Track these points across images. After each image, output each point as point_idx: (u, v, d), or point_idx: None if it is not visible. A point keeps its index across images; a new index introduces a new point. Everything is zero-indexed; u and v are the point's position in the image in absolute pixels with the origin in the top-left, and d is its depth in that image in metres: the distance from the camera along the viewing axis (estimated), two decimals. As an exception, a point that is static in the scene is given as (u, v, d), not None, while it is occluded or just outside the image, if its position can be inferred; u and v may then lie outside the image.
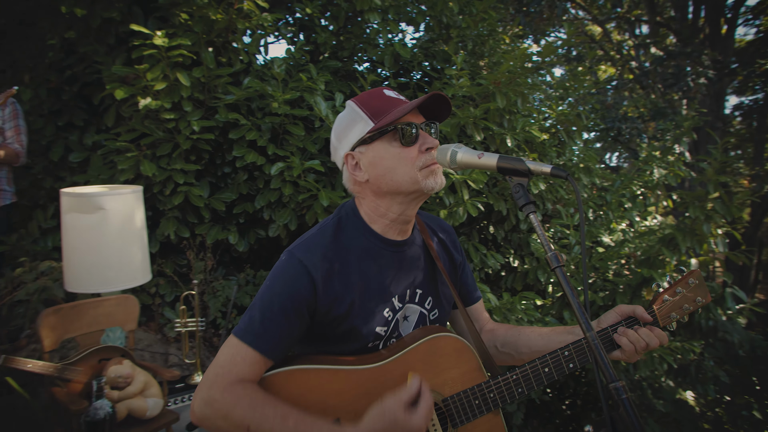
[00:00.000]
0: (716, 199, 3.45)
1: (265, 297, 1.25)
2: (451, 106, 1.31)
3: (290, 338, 1.26)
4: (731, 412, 3.67)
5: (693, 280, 1.37)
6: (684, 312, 1.36)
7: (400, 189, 1.28)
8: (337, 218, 1.37)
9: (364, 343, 1.32)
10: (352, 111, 1.33)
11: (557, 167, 0.96)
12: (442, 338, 1.36)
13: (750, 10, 13.52)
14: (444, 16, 4.18)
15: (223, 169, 3.46)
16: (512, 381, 1.31)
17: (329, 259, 1.27)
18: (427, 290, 1.44)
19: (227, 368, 1.20)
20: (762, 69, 8.50)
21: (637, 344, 1.29)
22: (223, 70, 3.25)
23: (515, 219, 4.09)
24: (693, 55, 8.48)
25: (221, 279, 3.58)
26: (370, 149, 1.30)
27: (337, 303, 1.27)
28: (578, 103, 4.91)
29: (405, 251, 1.40)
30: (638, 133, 8.00)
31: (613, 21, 12.91)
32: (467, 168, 1.16)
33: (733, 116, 13.31)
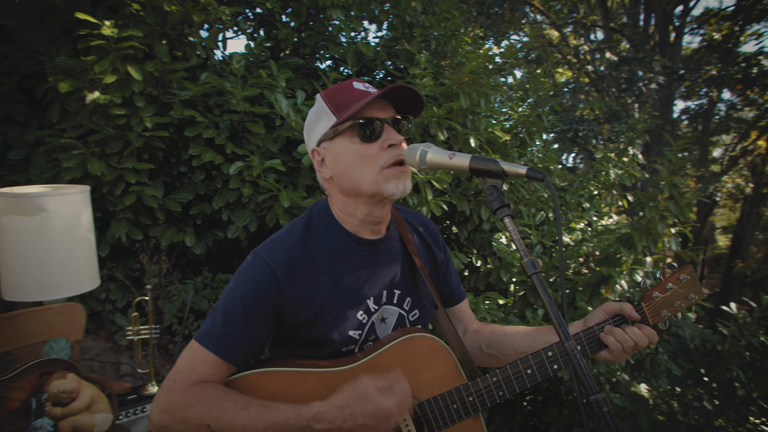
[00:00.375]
0: (669, 200, 3.57)
1: (228, 299, 1.19)
2: (423, 100, 1.24)
3: (254, 342, 1.20)
4: (683, 403, 3.81)
5: (685, 276, 1.31)
6: (676, 309, 1.30)
7: (360, 189, 1.22)
8: (308, 217, 1.31)
9: (336, 347, 1.26)
10: (318, 105, 1.28)
11: (533, 169, 0.93)
12: (417, 339, 1.30)
13: (695, 20, 14.26)
14: (407, 14, 4.15)
15: (178, 168, 3.31)
16: (493, 384, 1.25)
17: (296, 259, 1.21)
18: (406, 290, 1.38)
19: (186, 372, 1.15)
20: (707, 75, 8.93)
21: (625, 344, 1.24)
22: (179, 65, 3.10)
23: (478, 219, 4.11)
24: (644, 61, 8.83)
25: (177, 283, 3.42)
26: (333, 145, 1.25)
27: (305, 306, 1.21)
28: (538, 105, 4.98)
29: (380, 250, 1.33)
30: (594, 135, 8.26)
31: (570, 26, 13.31)
32: (437, 169, 1.10)
33: (681, 120, 13.97)
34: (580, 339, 1.27)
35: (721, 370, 3.65)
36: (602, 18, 12.39)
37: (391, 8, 4.21)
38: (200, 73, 3.33)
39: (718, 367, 3.67)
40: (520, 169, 0.96)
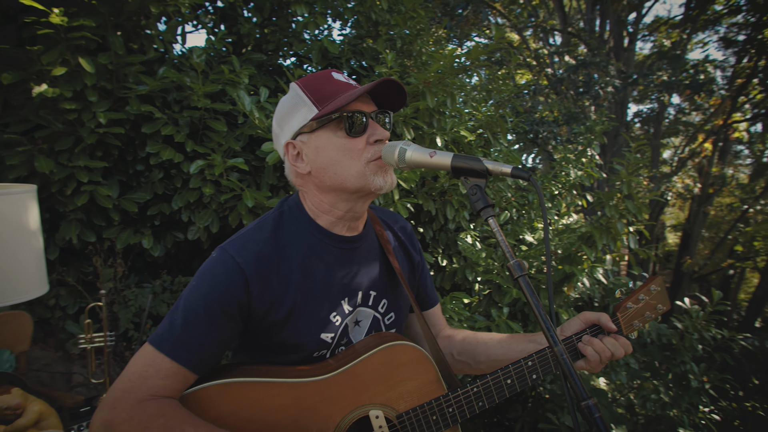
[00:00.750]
0: (627, 199, 3.68)
1: (189, 299, 1.08)
2: (407, 95, 1.19)
3: (218, 347, 1.09)
4: (641, 395, 3.93)
5: (655, 287, 1.33)
6: (646, 320, 1.32)
7: (345, 184, 1.15)
8: (279, 212, 1.23)
9: (308, 352, 1.17)
10: (295, 95, 1.19)
11: (518, 168, 0.89)
12: (398, 347, 1.23)
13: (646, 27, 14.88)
14: (373, 12, 4.11)
15: (134, 167, 3.15)
16: (473, 394, 1.21)
17: (266, 256, 1.12)
18: (382, 292, 1.31)
19: (137, 382, 1.02)
20: (659, 81, 9.32)
21: (603, 354, 1.23)
22: (135, 58, 2.95)
23: (443, 218, 4.12)
24: (601, 65, 9.13)
25: (133, 287, 3.27)
26: (313, 138, 1.16)
27: (276, 306, 1.12)
28: (501, 105, 5.05)
29: (356, 248, 1.26)
30: (554, 136, 8.47)
31: (530, 29, 13.62)
32: (417, 167, 1.05)
33: (634, 122, 14.55)
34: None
35: (676, 363, 3.79)
36: (560, 23, 12.74)
37: (357, 5, 4.17)
38: (158, 67, 3.18)
39: (673, 359, 3.81)
40: (504, 167, 0.92)
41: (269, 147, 2.93)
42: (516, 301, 3.78)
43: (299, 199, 1.26)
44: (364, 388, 1.17)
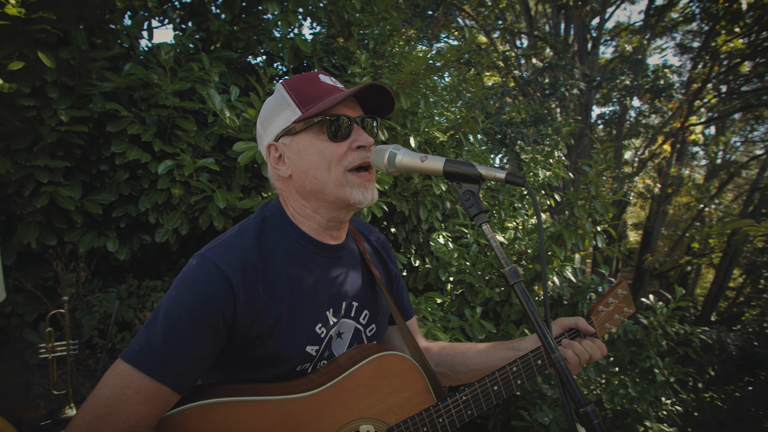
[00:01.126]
0: (594, 199, 3.77)
1: (170, 310, 0.98)
2: (395, 100, 1.16)
3: (202, 364, 1.01)
4: (609, 390, 4.04)
5: (621, 290, 1.37)
6: (615, 323, 1.36)
7: (324, 190, 1.12)
8: (261, 218, 1.17)
9: (290, 366, 1.11)
10: (279, 96, 1.15)
11: (512, 174, 0.88)
12: (388, 358, 1.20)
13: (608, 32, 15.35)
14: (345, 12, 4.08)
15: (98, 167, 3.02)
16: (462, 403, 1.18)
17: (251, 264, 1.06)
18: (364, 303, 1.27)
19: (114, 407, 0.91)
20: (622, 84, 9.63)
21: (582, 356, 1.24)
22: (99, 53, 2.83)
23: (416, 219, 4.12)
24: (566, 68, 9.35)
25: (97, 292, 3.13)
26: (295, 141, 1.12)
27: (261, 317, 1.05)
28: (472, 107, 5.10)
29: (340, 257, 1.22)
30: (522, 137, 8.62)
31: (498, 32, 13.84)
32: (407, 172, 1.03)
33: (597, 124, 14.97)
34: (539, 353, 1.25)
35: (642, 358, 3.91)
36: (527, 26, 13.00)
37: (329, 4, 4.13)
38: (123, 63, 3.06)
39: (639, 355, 3.92)
40: (498, 173, 0.91)
41: (241, 147, 2.86)
42: (488, 301, 3.82)
43: (280, 205, 1.21)
44: (353, 402, 1.13)
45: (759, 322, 7.02)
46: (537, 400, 3.93)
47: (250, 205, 2.86)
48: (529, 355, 1.24)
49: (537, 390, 4.10)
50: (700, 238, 14.75)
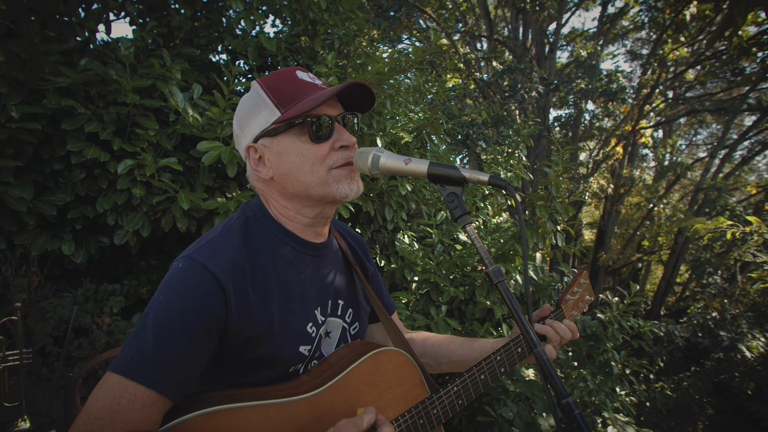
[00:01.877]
0: (554, 199, 3.90)
1: (159, 316, 0.94)
2: (374, 97, 1.15)
3: (197, 368, 0.97)
4: (569, 384, 4.18)
5: (583, 280, 1.47)
6: (580, 310, 1.44)
7: (308, 192, 1.10)
8: (243, 218, 1.14)
9: (284, 368, 1.09)
10: (256, 95, 1.11)
11: (495, 176, 0.90)
12: (384, 353, 1.20)
13: (564, 37, 15.89)
14: (311, 11, 4.05)
15: (52, 166, 2.88)
16: (453, 393, 1.22)
17: (240, 265, 1.03)
18: (348, 301, 1.27)
19: (109, 418, 0.85)
20: (578, 87, 9.98)
21: (564, 334, 1.30)
22: (52, 47, 2.70)
23: (381, 219, 4.14)
24: (525, 72, 9.61)
25: (51, 297, 2.99)
26: (275, 142, 1.09)
27: (253, 320, 1.02)
28: (435, 108, 5.17)
29: (324, 255, 1.21)
30: (483, 138, 8.80)
31: (458, 34, 14.06)
32: (390, 174, 1.03)
33: (554, 126, 15.44)
34: (519, 342, 1.30)
35: (599, 352, 4.07)
36: (487, 30, 13.26)
37: (294, 2, 4.09)
38: (79, 57, 2.93)
39: (597, 349, 4.08)
40: (482, 176, 0.93)
41: (205, 147, 2.80)
42: (453, 299, 3.89)
43: (262, 204, 1.18)
44: (354, 400, 1.12)
45: (703, 315, 7.45)
46: (501, 395, 4.02)
47: (214, 206, 2.79)
48: (511, 344, 1.30)
49: (501, 386, 4.19)
50: (650, 237, 15.46)
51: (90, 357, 2.81)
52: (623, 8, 13.52)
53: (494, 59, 11.24)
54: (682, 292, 14.17)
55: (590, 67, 10.83)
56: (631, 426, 3.86)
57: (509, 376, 4.32)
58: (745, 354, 6.31)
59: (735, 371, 7.17)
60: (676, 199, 18.10)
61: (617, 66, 18.98)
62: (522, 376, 4.20)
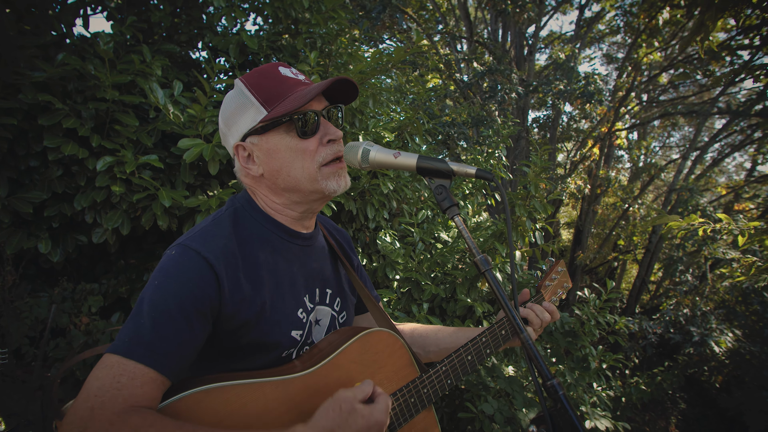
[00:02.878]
0: (533, 198, 3.98)
1: (155, 300, 0.96)
2: (357, 90, 1.18)
3: (193, 351, 0.99)
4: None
5: (561, 268, 1.53)
6: (558, 296, 1.50)
7: (299, 186, 1.13)
8: (233, 209, 1.17)
9: (278, 352, 1.12)
10: (241, 94, 1.13)
11: (482, 169, 0.94)
12: (374, 334, 1.24)
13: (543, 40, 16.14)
14: (293, 9, 4.05)
15: (28, 163, 2.81)
16: (442, 373, 1.27)
17: (232, 251, 1.06)
18: (336, 290, 1.31)
19: (110, 395, 0.87)
20: (556, 89, 10.17)
21: (543, 317, 1.38)
22: (29, 40, 2.64)
23: (363, 218, 4.16)
24: (505, 73, 9.74)
25: (27, 297, 2.93)
26: (264, 140, 1.12)
27: (246, 305, 1.05)
28: (416, 108, 5.21)
29: (312, 245, 1.25)
30: (464, 138, 8.89)
31: (438, 35, 14.16)
32: (380, 168, 1.07)
33: (533, 127, 15.68)
34: (503, 325, 1.36)
35: (578, 347, 4.16)
36: (467, 31, 13.39)
37: (276, 1, 4.08)
38: (56, 52, 2.87)
39: (575, 344, 4.18)
40: (469, 169, 0.97)
41: (186, 144, 2.78)
42: (434, 297, 3.93)
43: (250, 197, 1.21)
44: (347, 378, 1.15)
45: (674, 312, 7.68)
46: (482, 392, 4.08)
47: (196, 204, 2.78)
48: (495, 326, 1.37)
49: (481, 382, 4.26)
50: (625, 236, 15.81)
51: (68, 357, 2.77)
52: (600, 12, 13.82)
53: (474, 60, 11.37)
54: (656, 290, 14.54)
55: (568, 69, 11.04)
56: (607, 419, 3.96)
57: (490, 373, 4.38)
58: (714, 349, 6.53)
59: (704, 365, 7.41)
60: (651, 200, 18.56)
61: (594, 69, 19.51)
62: (502, 373, 4.27)
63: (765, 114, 9.98)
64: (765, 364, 6.28)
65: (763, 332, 6.54)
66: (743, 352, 6.55)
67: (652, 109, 15.55)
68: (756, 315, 6.79)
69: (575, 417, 0.78)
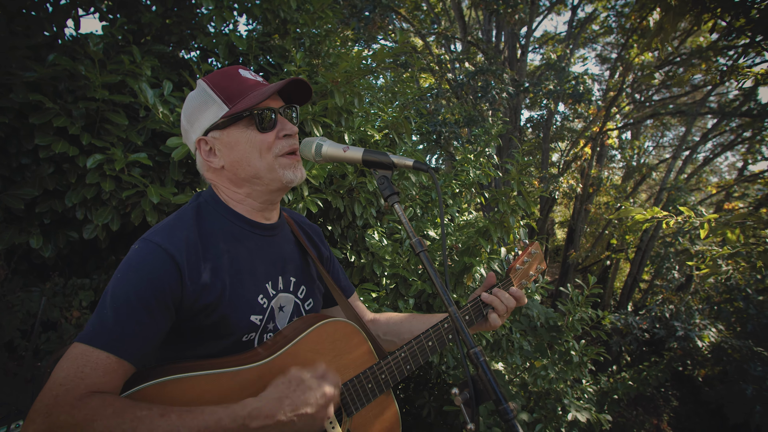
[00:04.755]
0: (517, 196, 4.07)
1: (117, 291, 1.03)
2: (312, 91, 1.28)
3: (154, 338, 1.06)
4: (533, 374, 4.36)
5: (534, 250, 1.60)
6: (530, 279, 1.57)
7: (258, 175, 1.22)
8: (196, 204, 1.26)
9: (238, 335, 1.19)
10: (203, 92, 1.23)
11: (419, 161, 1.04)
12: (332, 324, 1.30)
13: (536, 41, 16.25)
14: (281, 10, 4.12)
15: (20, 160, 2.89)
16: (401, 359, 1.32)
17: (193, 242, 1.14)
18: (301, 279, 1.38)
19: (73, 383, 0.93)
20: (546, 89, 10.27)
21: (508, 302, 1.42)
22: (20, 41, 2.72)
23: (351, 215, 4.24)
24: (497, 73, 9.84)
25: (19, 291, 3.00)
26: (225, 134, 1.22)
27: (206, 291, 1.13)
28: (406, 107, 5.28)
29: (274, 236, 1.33)
30: (455, 137, 8.98)
31: (432, 35, 14.26)
32: (332, 161, 1.17)
33: (526, 127, 15.79)
34: (467, 310, 1.43)
35: (561, 342, 4.26)
36: (461, 31, 13.49)
37: (265, 2, 4.15)
38: (47, 53, 2.95)
39: (559, 339, 4.27)
40: (407, 161, 1.07)
41: (175, 142, 2.86)
42: (421, 293, 4.01)
43: (213, 192, 1.29)
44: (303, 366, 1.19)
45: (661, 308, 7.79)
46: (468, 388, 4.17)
47: (184, 201, 2.85)
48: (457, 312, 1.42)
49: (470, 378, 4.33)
50: (618, 235, 15.93)
51: (58, 349, 2.84)
52: (592, 13, 13.93)
53: (467, 61, 11.46)
54: (648, 288, 14.67)
55: (560, 69, 11.14)
56: (589, 411, 4.05)
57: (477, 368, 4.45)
58: (697, 343, 6.64)
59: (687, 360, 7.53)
60: (644, 199, 18.69)
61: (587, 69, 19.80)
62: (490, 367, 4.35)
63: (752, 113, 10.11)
64: (746, 358, 6.41)
65: (746, 327, 6.66)
66: (725, 347, 6.68)
67: (645, 109, 15.68)
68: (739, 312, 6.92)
69: (493, 380, 0.87)
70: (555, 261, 20.22)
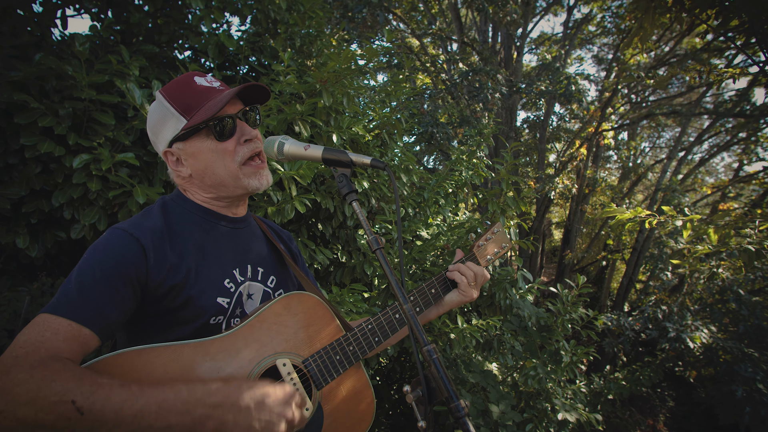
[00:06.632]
0: (507, 196, 4.08)
1: (82, 268, 1.07)
2: (269, 91, 1.29)
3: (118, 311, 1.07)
4: (524, 374, 4.37)
5: (497, 229, 1.66)
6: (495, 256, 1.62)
7: (224, 182, 1.26)
8: (162, 202, 1.30)
9: (206, 318, 1.21)
10: (161, 105, 1.25)
11: (376, 159, 1.05)
12: (294, 296, 1.31)
13: (533, 42, 16.28)
14: (272, 10, 4.13)
15: (6, 160, 2.89)
16: (368, 331, 1.34)
17: (159, 230, 1.18)
18: (269, 269, 1.41)
19: (33, 346, 0.94)
20: (538, 89, 10.29)
21: (467, 274, 1.46)
22: (5, 41, 2.72)
23: (342, 216, 4.24)
24: (491, 73, 9.86)
25: (6, 291, 3.00)
26: (188, 145, 1.25)
27: (172, 273, 1.16)
28: (399, 108, 5.29)
29: (241, 228, 1.37)
30: (450, 137, 9.00)
31: (429, 36, 14.28)
32: (294, 159, 1.19)
33: (523, 128, 15.82)
34: (433, 283, 1.46)
35: (552, 342, 4.27)
36: (457, 32, 13.51)
37: (255, 3, 4.16)
38: (34, 52, 2.95)
39: (549, 339, 4.28)
40: (365, 159, 1.09)
41: (162, 142, 2.87)
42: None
43: (180, 192, 1.34)
44: (267, 339, 1.21)
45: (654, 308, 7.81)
46: (458, 386, 4.18)
47: (171, 200, 2.86)
48: (424, 286, 1.46)
49: (459, 378, 4.36)
50: (614, 236, 15.96)
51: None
52: (588, 14, 13.97)
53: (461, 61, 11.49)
54: (644, 288, 14.69)
55: (554, 70, 11.17)
56: (578, 410, 4.06)
57: (468, 369, 4.48)
58: (689, 344, 6.67)
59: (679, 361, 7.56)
60: (641, 199, 18.73)
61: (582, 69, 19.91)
62: (478, 368, 4.37)
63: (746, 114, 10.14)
64: (737, 360, 6.44)
65: (738, 328, 6.69)
66: (716, 348, 6.71)
67: (641, 110, 15.72)
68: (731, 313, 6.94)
69: (445, 377, 0.88)
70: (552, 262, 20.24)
